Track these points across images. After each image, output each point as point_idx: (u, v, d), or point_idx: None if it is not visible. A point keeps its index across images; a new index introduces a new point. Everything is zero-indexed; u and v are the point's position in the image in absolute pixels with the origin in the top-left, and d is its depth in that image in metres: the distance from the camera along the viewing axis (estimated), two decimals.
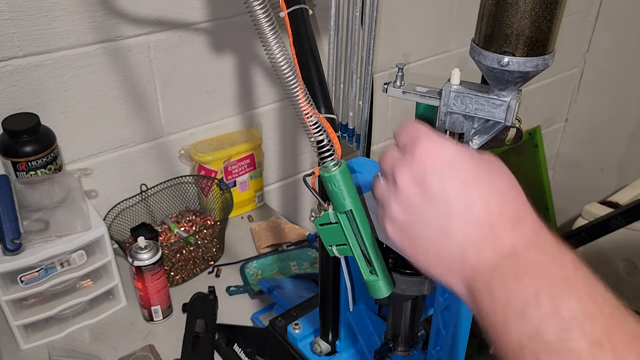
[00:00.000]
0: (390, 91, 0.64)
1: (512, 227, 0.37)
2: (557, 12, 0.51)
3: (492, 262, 0.36)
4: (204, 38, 1.12)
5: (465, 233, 0.38)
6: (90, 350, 0.93)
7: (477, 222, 0.37)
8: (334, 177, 0.52)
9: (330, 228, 0.57)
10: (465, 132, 0.60)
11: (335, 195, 0.54)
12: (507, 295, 0.34)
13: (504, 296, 0.34)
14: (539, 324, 0.32)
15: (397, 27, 1.40)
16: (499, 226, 0.37)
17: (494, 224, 0.37)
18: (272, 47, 0.50)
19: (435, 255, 0.40)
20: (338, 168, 0.53)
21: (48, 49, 0.96)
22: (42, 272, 0.88)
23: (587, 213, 1.63)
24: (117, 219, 1.08)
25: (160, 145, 1.18)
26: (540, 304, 0.32)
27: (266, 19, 0.49)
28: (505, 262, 0.36)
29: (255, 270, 1.11)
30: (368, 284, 0.58)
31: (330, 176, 0.53)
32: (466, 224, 0.38)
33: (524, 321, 0.33)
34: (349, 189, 0.53)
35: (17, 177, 0.95)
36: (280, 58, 0.51)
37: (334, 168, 0.53)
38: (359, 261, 0.57)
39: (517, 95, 0.56)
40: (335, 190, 0.53)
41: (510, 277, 0.35)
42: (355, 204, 0.54)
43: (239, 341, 0.93)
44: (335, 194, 0.53)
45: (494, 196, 0.38)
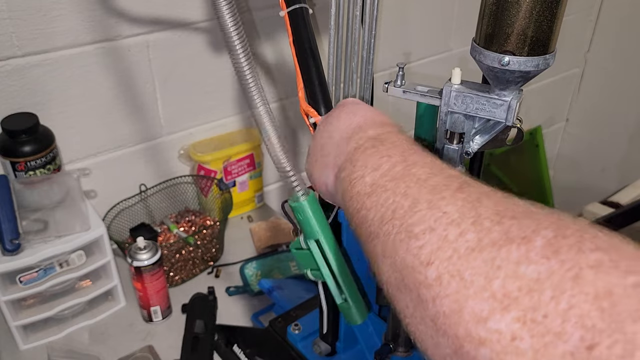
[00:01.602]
0: (390, 90, 0.64)
1: (378, 126, 0.47)
2: (558, 11, 0.51)
3: (357, 144, 0.45)
4: (204, 37, 1.12)
5: (341, 133, 0.49)
6: (89, 351, 0.92)
7: (353, 126, 0.49)
8: (301, 207, 0.54)
9: (303, 253, 0.58)
10: (466, 132, 0.60)
11: (304, 224, 0.55)
12: (365, 159, 0.42)
13: (362, 161, 0.42)
14: (390, 167, 0.39)
15: (397, 27, 1.40)
16: (367, 126, 0.48)
17: (363, 125, 0.48)
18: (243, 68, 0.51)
19: (320, 158, 0.50)
20: (306, 198, 0.53)
21: (47, 48, 0.95)
22: (41, 273, 0.88)
23: (588, 213, 1.63)
24: (116, 219, 1.08)
25: (160, 145, 1.17)
26: (391, 157, 0.40)
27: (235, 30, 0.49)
28: (367, 141, 0.45)
29: (254, 271, 1.10)
30: (341, 309, 0.59)
31: (298, 206, 0.54)
32: (346, 128, 0.49)
33: (378, 170, 0.40)
34: (317, 218, 0.55)
35: (16, 177, 0.95)
36: (253, 89, 0.52)
37: (302, 198, 0.53)
38: (331, 287, 0.59)
39: (518, 95, 0.56)
40: (303, 220, 0.55)
41: (370, 148, 0.43)
42: (324, 232, 0.55)
43: (239, 342, 0.93)
44: (304, 222, 0.55)
45: (369, 114, 0.50)
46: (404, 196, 0.36)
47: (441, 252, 0.31)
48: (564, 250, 0.27)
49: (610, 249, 0.27)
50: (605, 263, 0.26)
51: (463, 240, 0.30)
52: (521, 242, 0.28)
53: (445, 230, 0.31)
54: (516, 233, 0.29)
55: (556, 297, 0.25)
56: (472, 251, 0.29)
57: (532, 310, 0.26)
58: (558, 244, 0.27)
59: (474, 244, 0.30)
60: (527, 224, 0.29)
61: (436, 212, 0.33)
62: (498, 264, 0.28)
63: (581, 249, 0.27)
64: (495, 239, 0.29)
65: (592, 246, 0.27)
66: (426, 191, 0.35)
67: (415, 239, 0.32)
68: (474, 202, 0.33)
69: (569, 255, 0.26)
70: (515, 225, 0.30)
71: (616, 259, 0.26)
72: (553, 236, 0.28)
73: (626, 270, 0.25)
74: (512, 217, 0.30)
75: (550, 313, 0.25)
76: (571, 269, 0.26)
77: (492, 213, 0.31)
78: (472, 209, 0.32)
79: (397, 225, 0.35)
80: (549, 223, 0.29)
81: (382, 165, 0.40)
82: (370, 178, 0.40)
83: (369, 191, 0.39)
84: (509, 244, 0.29)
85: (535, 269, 0.27)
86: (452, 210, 0.32)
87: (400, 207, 0.35)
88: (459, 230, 0.31)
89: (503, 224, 0.30)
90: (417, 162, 0.39)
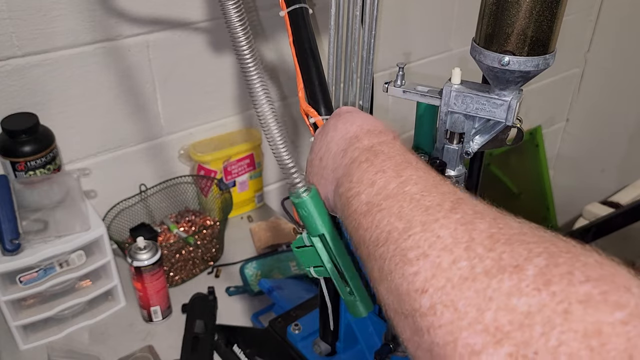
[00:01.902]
0: (390, 90, 0.64)
1: (374, 135, 0.47)
2: (558, 11, 0.51)
3: (352, 156, 0.46)
4: (204, 37, 1.12)
5: (337, 144, 0.49)
6: (89, 351, 0.92)
7: (349, 136, 0.49)
8: (304, 203, 0.53)
9: (306, 251, 0.58)
10: (466, 132, 0.60)
11: (307, 220, 0.55)
12: (360, 175, 0.42)
13: (358, 176, 0.42)
14: (384, 185, 0.39)
15: (397, 27, 1.40)
16: (362, 135, 0.48)
17: (359, 135, 0.48)
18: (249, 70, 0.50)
19: (319, 170, 0.51)
20: (308, 194, 0.53)
21: (47, 48, 0.95)
22: (41, 273, 0.88)
23: (588, 213, 1.63)
24: (116, 219, 1.08)
25: (160, 145, 1.17)
26: (385, 172, 0.41)
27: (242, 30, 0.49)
28: (361, 153, 0.45)
29: (254, 271, 1.10)
30: (346, 303, 0.59)
31: (300, 202, 0.54)
32: (341, 138, 0.49)
33: (373, 186, 0.40)
34: (320, 213, 0.54)
35: (16, 177, 0.95)
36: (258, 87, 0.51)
37: (304, 194, 0.53)
38: (336, 282, 0.58)
39: (518, 95, 0.56)
40: (306, 216, 0.54)
41: (364, 162, 0.43)
42: (327, 227, 0.55)
43: (239, 342, 0.93)
44: (307, 219, 0.54)
45: (364, 123, 0.50)
46: (398, 217, 0.36)
47: (435, 281, 0.31)
48: (555, 280, 0.27)
49: (601, 279, 0.27)
50: (594, 297, 0.26)
51: (456, 268, 0.30)
52: (513, 271, 0.28)
53: (439, 256, 0.32)
54: (508, 261, 0.29)
55: (546, 333, 0.25)
56: (465, 280, 0.30)
57: (523, 346, 0.26)
58: (550, 273, 0.27)
59: (467, 272, 0.30)
60: (520, 251, 0.29)
61: (430, 235, 0.33)
62: (490, 295, 0.28)
63: (572, 281, 0.27)
64: (487, 267, 0.29)
65: (582, 278, 0.27)
66: (420, 212, 0.35)
67: (410, 265, 0.33)
68: (467, 224, 0.33)
69: (559, 287, 0.27)
70: (507, 253, 0.30)
71: (606, 291, 0.26)
72: (545, 265, 0.28)
73: (615, 305, 0.25)
74: (505, 242, 0.31)
75: (540, 350, 0.25)
76: (561, 303, 0.26)
77: (485, 237, 0.31)
78: (466, 232, 0.32)
79: (392, 249, 0.35)
80: (541, 249, 0.29)
81: (376, 181, 0.40)
82: (366, 196, 0.40)
83: (364, 210, 0.39)
84: (501, 273, 0.29)
85: (527, 301, 0.27)
86: (445, 235, 0.33)
87: (394, 230, 0.35)
88: (452, 257, 0.31)
89: (495, 250, 0.30)
90: (411, 177, 0.39)
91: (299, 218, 0.56)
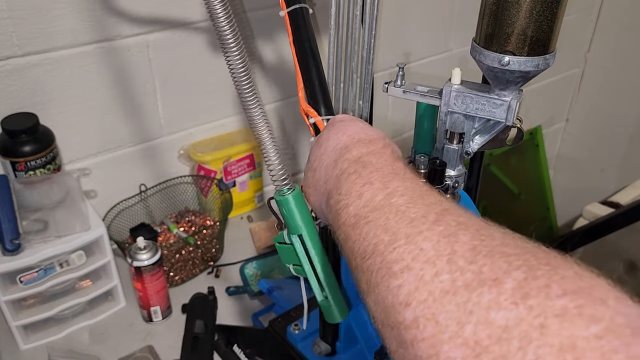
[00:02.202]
0: (390, 90, 0.64)
1: (363, 145, 0.48)
2: (558, 11, 0.51)
3: (342, 168, 0.46)
4: (204, 37, 1.12)
5: (329, 156, 0.50)
6: (89, 351, 0.92)
7: (340, 147, 0.49)
8: (286, 201, 0.55)
9: (286, 247, 0.58)
10: (466, 132, 0.60)
11: (288, 219, 0.56)
12: (348, 187, 0.43)
13: (346, 188, 0.43)
14: (371, 197, 0.40)
15: (397, 26, 1.40)
16: (352, 145, 0.48)
17: (350, 145, 0.49)
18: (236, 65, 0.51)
19: (313, 182, 0.51)
20: (291, 193, 0.54)
21: (47, 48, 0.95)
22: (41, 273, 0.88)
23: (588, 213, 1.63)
24: (116, 219, 1.08)
25: (160, 145, 1.17)
26: (372, 184, 0.41)
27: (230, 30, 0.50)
28: (350, 165, 0.46)
29: (254, 271, 1.10)
30: (321, 307, 0.59)
31: (283, 200, 0.55)
32: (333, 149, 0.50)
33: (360, 199, 0.41)
34: (301, 213, 0.55)
35: (16, 177, 0.95)
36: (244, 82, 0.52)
37: (287, 192, 0.54)
38: (312, 284, 0.59)
39: (518, 95, 0.56)
40: (287, 214, 0.55)
41: (352, 174, 0.44)
42: (307, 228, 0.55)
43: (239, 342, 0.93)
44: (288, 217, 0.55)
45: (355, 132, 0.51)
46: (384, 229, 0.37)
47: (418, 294, 0.31)
48: (533, 294, 0.28)
49: (578, 292, 0.27)
50: (570, 311, 0.26)
51: (438, 281, 0.31)
52: (492, 285, 0.29)
53: (422, 269, 0.32)
54: (488, 274, 0.30)
55: (523, 347, 0.26)
56: (446, 294, 0.30)
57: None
58: (528, 286, 0.28)
59: (448, 285, 0.31)
60: (500, 264, 0.30)
61: (413, 248, 0.34)
62: (470, 309, 0.29)
63: (549, 295, 0.27)
64: (468, 280, 0.30)
65: (559, 291, 0.27)
66: (405, 224, 0.36)
67: (395, 278, 0.33)
68: (450, 236, 0.33)
69: (536, 301, 0.27)
70: (487, 266, 0.30)
71: (582, 305, 0.26)
72: (523, 278, 0.29)
73: (590, 319, 0.26)
74: (486, 254, 0.31)
75: None
76: (538, 317, 0.27)
77: (467, 249, 0.32)
78: (448, 244, 0.33)
79: (378, 261, 0.35)
80: (521, 262, 0.30)
81: (363, 193, 0.41)
82: (354, 208, 0.41)
83: (352, 222, 0.40)
84: (481, 286, 0.29)
85: (505, 315, 0.27)
86: (428, 247, 0.33)
87: (380, 242, 0.36)
88: (434, 270, 0.32)
89: (477, 263, 0.31)
90: (398, 189, 0.40)
91: (281, 216, 0.56)
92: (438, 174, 0.57)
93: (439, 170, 0.58)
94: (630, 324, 0.25)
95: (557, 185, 2.05)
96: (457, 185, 0.62)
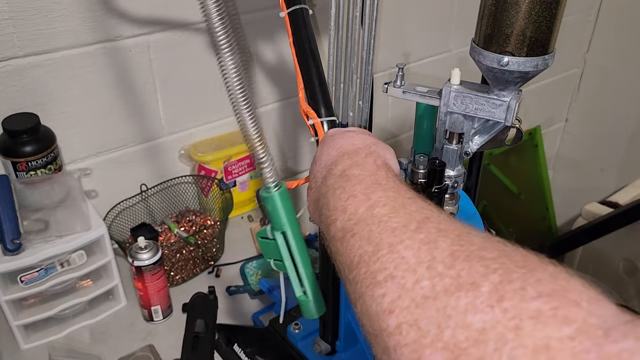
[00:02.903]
0: (390, 91, 0.64)
1: (348, 158, 0.49)
2: (557, 12, 0.51)
3: (329, 184, 0.47)
4: (204, 38, 1.12)
5: (321, 172, 0.52)
6: (90, 351, 0.93)
7: (329, 163, 0.51)
8: (271, 198, 0.55)
9: (269, 243, 0.59)
10: (466, 132, 0.60)
11: (272, 215, 0.56)
12: (335, 202, 0.44)
13: (333, 203, 0.45)
14: (354, 210, 0.42)
15: (397, 27, 1.40)
16: (339, 160, 0.50)
17: (337, 160, 0.50)
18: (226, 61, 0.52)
19: (312, 199, 0.53)
20: (277, 190, 0.54)
21: (48, 49, 0.96)
22: (42, 272, 0.88)
23: (587, 213, 1.63)
24: (117, 219, 1.08)
25: (160, 145, 1.18)
26: (356, 197, 0.43)
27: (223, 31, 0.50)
28: (336, 180, 0.47)
29: (255, 270, 1.11)
30: (300, 302, 0.60)
31: (268, 197, 0.55)
32: (324, 166, 0.52)
33: (345, 213, 0.42)
34: (286, 211, 0.56)
35: (17, 177, 0.95)
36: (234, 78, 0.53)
37: (273, 189, 0.55)
38: (292, 280, 0.60)
39: (517, 96, 0.56)
40: (271, 211, 0.56)
41: (337, 189, 0.45)
42: (291, 226, 0.56)
43: (239, 341, 0.93)
44: (272, 214, 0.56)
45: (343, 145, 0.52)
46: (368, 241, 0.38)
47: (400, 301, 0.33)
48: (508, 296, 0.29)
49: (552, 294, 0.28)
50: (544, 312, 0.27)
51: (419, 287, 0.32)
52: (469, 289, 0.30)
53: (404, 277, 0.33)
54: (465, 279, 0.31)
55: (499, 349, 0.27)
56: (426, 299, 0.31)
57: None
58: (503, 289, 0.29)
59: (428, 291, 0.32)
60: (477, 268, 0.31)
61: (395, 257, 0.35)
62: (449, 313, 0.30)
63: (524, 297, 0.28)
64: (447, 285, 0.31)
65: (534, 293, 0.28)
66: (387, 234, 0.37)
67: (379, 287, 0.34)
68: (430, 243, 0.35)
69: (512, 303, 0.28)
70: (465, 270, 0.31)
71: (556, 307, 0.27)
72: (499, 281, 0.30)
73: (563, 320, 0.26)
74: (464, 259, 0.32)
75: None
76: (513, 319, 0.27)
77: (446, 255, 0.33)
78: (428, 251, 0.34)
79: (363, 272, 0.37)
80: (498, 265, 0.31)
81: (347, 207, 0.42)
82: (340, 222, 0.42)
83: (340, 236, 0.42)
84: (459, 290, 0.30)
85: (481, 318, 0.28)
86: (409, 255, 0.34)
87: (365, 253, 0.38)
88: (415, 277, 0.33)
89: (455, 268, 0.32)
90: (380, 199, 0.41)
91: (266, 212, 0.57)
92: (437, 174, 0.58)
93: (439, 171, 0.58)
94: (603, 325, 0.26)
95: (557, 185, 2.06)
96: (456, 185, 0.62)
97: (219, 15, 0.50)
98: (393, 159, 0.53)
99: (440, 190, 0.58)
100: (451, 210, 0.61)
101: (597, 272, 1.57)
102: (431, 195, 0.58)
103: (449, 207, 0.61)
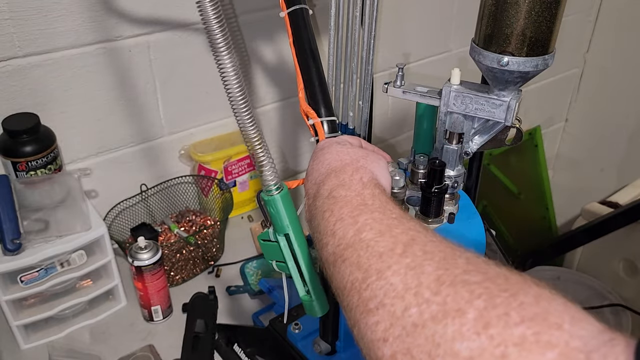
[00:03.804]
0: (390, 91, 0.64)
1: (334, 176, 0.50)
2: (557, 12, 0.51)
3: (318, 206, 0.48)
4: (204, 38, 1.12)
5: (312, 189, 0.52)
6: (90, 350, 0.93)
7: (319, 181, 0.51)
8: (273, 201, 0.55)
9: (271, 245, 0.59)
10: (465, 132, 0.60)
11: (275, 218, 0.56)
12: (324, 225, 0.45)
13: (322, 227, 0.45)
14: (343, 235, 0.42)
15: (397, 27, 1.40)
16: (327, 178, 0.50)
17: (325, 178, 0.50)
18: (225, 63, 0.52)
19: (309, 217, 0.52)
20: (279, 192, 0.54)
21: (48, 49, 0.96)
22: (42, 272, 0.88)
23: (587, 213, 1.63)
24: (117, 219, 1.08)
25: (160, 145, 1.18)
26: (343, 220, 0.43)
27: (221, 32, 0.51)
28: (324, 202, 0.47)
29: (255, 270, 1.11)
30: (303, 302, 0.60)
31: (270, 199, 0.55)
32: (314, 183, 0.52)
33: (334, 237, 0.43)
34: (288, 213, 0.56)
35: (17, 177, 0.95)
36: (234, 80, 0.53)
37: (275, 192, 0.54)
38: (295, 280, 0.59)
39: (517, 96, 0.56)
40: (274, 213, 0.56)
41: (326, 211, 0.46)
42: (294, 228, 0.56)
43: (239, 341, 0.93)
44: (275, 216, 0.56)
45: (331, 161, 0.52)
46: (357, 267, 0.39)
47: (393, 330, 0.33)
48: (493, 323, 0.29)
49: (535, 318, 0.29)
50: (528, 339, 0.28)
51: (407, 315, 0.33)
52: (455, 315, 0.31)
53: (393, 305, 0.34)
54: (451, 305, 0.32)
55: None
56: (416, 327, 0.32)
57: None
58: (488, 315, 0.30)
59: (417, 319, 0.33)
60: (462, 294, 0.32)
61: (384, 284, 0.36)
62: (438, 341, 0.31)
63: (508, 323, 0.29)
64: (434, 312, 0.32)
65: (517, 319, 0.29)
66: (375, 259, 0.38)
67: (372, 315, 0.36)
68: (416, 268, 0.35)
69: (497, 330, 0.29)
70: (451, 296, 0.32)
71: (538, 332, 0.28)
72: (484, 307, 0.31)
73: (546, 346, 0.27)
74: (450, 284, 0.33)
75: None
76: (499, 346, 0.28)
77: (432, 280, 0.34)
78: (415, 277, 0.35)
79: (356, 299, 0.38)
80: (482, 290, 0.32)
81: (336, 232, 0.43)
82: (331, 247, 0.43)
83: (332, 260, 0.43)
84: (446, 317, 0.31)
85: (468, 346, 0.29)
86: (397, 282, 0.35)
87: (355, 280, 0.39)
88: (404, 305, 0.34)
89: (441, 294, 0.33)
90: (367, 222, 0.42)
91: (268, 215, 0.57)
92: (437, 174, 0.58)
93: (439, 171, 0.58)
94: (584, 348, 0.27)
95: (557, 185, 2.06)
96: (456, 185, 0.62)
97: (216, 17, 0.50)
98: (382, 172, 0.53)
99: (440, 190, 0.58)
100: (451, 210, 0.61)
101: (597, 272, 1.57)
102: (431, 195, 0.58)
103: (449, 207, 0.61)
